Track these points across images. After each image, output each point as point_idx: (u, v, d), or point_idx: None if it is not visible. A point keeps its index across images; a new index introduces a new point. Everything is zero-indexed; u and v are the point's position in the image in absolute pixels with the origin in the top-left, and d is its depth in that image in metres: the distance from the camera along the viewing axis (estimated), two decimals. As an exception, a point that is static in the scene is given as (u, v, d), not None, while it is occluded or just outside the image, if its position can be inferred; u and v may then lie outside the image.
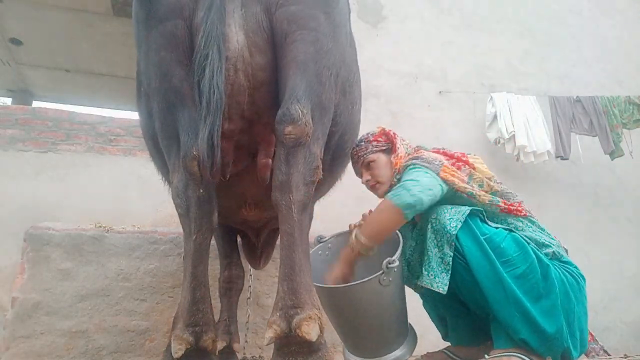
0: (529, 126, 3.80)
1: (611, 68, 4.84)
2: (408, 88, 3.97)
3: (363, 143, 1.73)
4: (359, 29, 3.80)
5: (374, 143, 1.72)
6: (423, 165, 1.51)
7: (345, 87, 1.50)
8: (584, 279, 1.48)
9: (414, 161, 1.56)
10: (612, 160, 4.04)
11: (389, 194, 1.47)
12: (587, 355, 1.58)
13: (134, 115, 1.71)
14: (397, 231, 1.64)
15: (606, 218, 4.23)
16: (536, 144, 3.74)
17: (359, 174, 1.80)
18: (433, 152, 1.65)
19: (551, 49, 4.65)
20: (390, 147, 1.71)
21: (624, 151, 3.97)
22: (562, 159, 3.92)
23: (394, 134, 1.75)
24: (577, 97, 4.12)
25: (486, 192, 1.56)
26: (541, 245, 1.48)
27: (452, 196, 1.52)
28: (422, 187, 1.42)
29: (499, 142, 3.76)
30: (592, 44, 4.85)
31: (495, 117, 3.81)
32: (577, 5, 4.98)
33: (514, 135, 3.71)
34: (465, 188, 1.50)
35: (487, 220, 1.48)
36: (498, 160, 3.94)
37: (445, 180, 1.48)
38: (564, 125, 3.98)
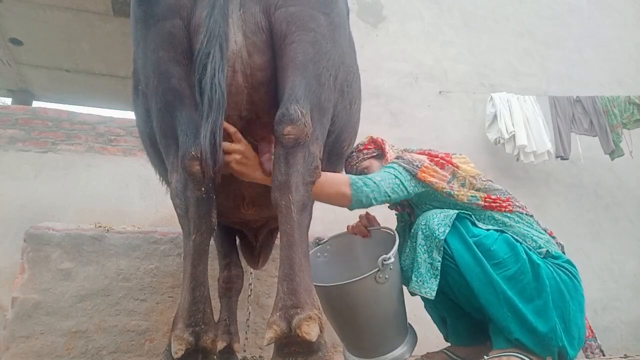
0: (529, 126, 3.80)
1: (611, 68, 4.84)
2: (408, 88, 3.97)
3: (354, 153, 1.79)
4: (359, 29, 3.81)
5: (365, 151, 1.78)
6: (401, 166, 1.55)
7: (343, 87, 1.50)
8: (576, 272, 1.48)
9: (395, 160, 1.61)
10: (612, 160, 4.03)
11: (354, 178, 1.49)
12: (584, 351, 1.57)
13: (134, 115, 1.71)
14: (393, 229, 1.65)
15: (606, 218, 4.23)
16: (536, 144, 3.74)
17: None
18: (418, 153, 1.68)
19: (551, 49, 4.65)
20: (380, 153, 1.77)
21: (624, 151, 3.97)
22: (562, 159, 3.92)
23: (382, 140, 1.80)
24: (577, 97, 4.12)
25: (468, 190, 1.58)
26: (529, 241, 1.50)
27: (433, 194, 1.57)
28: (380, 192, 1.47)
29: (499, 142, 3.76)
30: (592, 44, 4.85)
31: (495, 117, 3.81)
32: (577, 5, 4.98)
33: (514, 135, 3.71)
34: (444, 188, 1.54)
35: (478, 222, 1.50)
36: (498, 160, 3.95)
37: (422, 181, 1.53)
38: (564, 125, 3.98)
